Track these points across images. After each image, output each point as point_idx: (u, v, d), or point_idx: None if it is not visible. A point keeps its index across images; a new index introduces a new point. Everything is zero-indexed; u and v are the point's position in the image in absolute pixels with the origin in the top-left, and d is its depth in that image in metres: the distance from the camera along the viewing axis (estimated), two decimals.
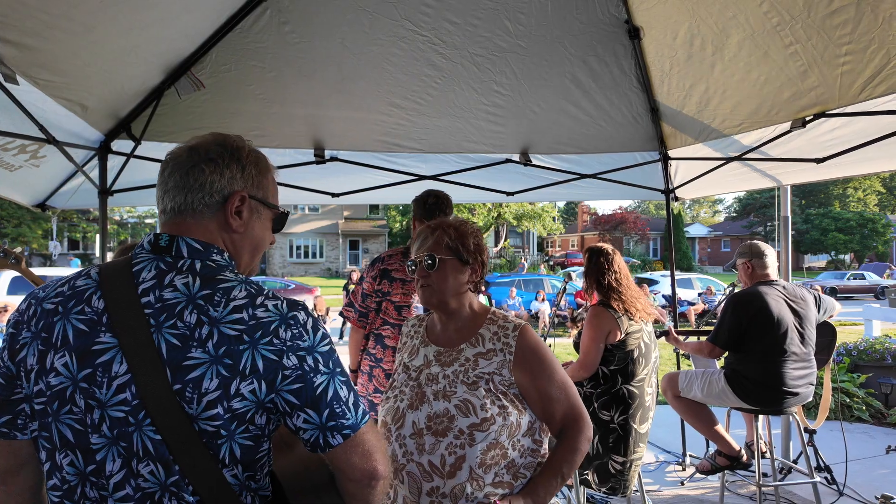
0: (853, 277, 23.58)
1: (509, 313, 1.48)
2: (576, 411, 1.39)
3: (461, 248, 1.43)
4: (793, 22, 2.32)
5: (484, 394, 1.32)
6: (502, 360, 1.37)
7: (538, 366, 1.37)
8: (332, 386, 0.88)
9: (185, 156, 0.95)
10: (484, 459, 1.28)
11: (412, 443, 1.33)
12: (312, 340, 0.89)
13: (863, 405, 4.90)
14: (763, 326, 2.85)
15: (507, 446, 1.32)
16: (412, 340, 1.55)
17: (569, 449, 1.36)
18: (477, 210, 27.12)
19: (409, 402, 1.38)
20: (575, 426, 1.38)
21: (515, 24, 2.68)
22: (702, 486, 3.61)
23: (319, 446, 0.88)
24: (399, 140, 3.31)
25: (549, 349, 1.42)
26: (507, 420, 1.31)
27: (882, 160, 3.00)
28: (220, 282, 0.88)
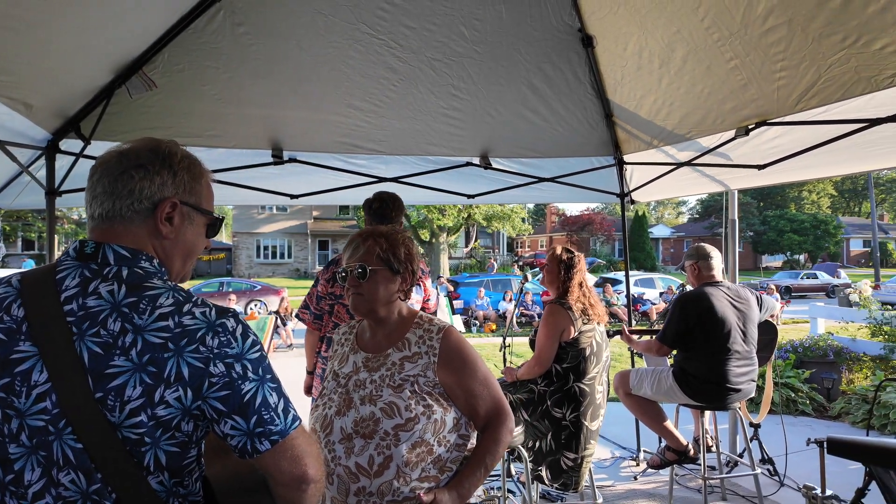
0: (806, 277, 24.61)
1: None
2: (498, 405, 1.46)
3: (392, 257, 1.45)
4: (732, 38, 2.44)
5: (409, 395, 1.37)
6: (427, 363, 1.42)
7: (461, 365, 1.43)
8: (261, 393, 0.89)
9: (115, 161, 0.94)
10: (410, 457, 1.33)
11: (341, 448, 1.36)
12: (241, 347, 0.89)
13: (807, 399, 5.14)
14: (708, 326, 2.98)
15: (433, 443, 1.37)
16: (342, 348, 1.57)
17: (492, 440, 1.43)
18: (447, 211, 27.22)
19: (336, 408, 1.41)
20: (497, 419, 1.45)
21: (471, 31, 2.74)
22: (653, 481, 3.74)
23: (247, 452, 0.88)
24: (358, 141, 3.32)
25: (472, 349, 1.48)
26: (432, 418, 1.37)
27: (818, 167, 3.18)
28: (146, 289, 0.88)
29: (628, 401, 3.35)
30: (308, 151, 3.41)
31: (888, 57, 2.10)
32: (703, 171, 3.69)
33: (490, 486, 3.57)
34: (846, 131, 2.59)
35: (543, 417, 2.79)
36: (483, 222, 29.30)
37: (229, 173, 3.38)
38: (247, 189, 3.60)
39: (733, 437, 3.97)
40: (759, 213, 37.48)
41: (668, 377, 3.12)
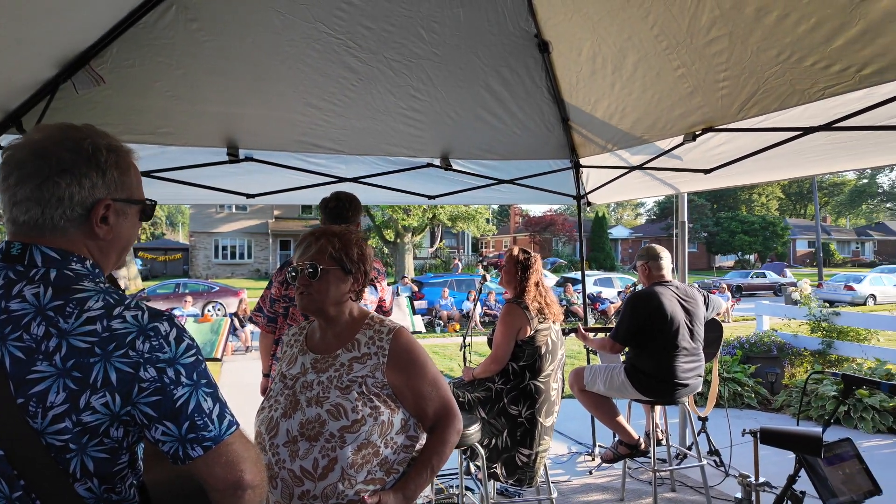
0: (756, 276, 25.74)
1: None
2: (447, 406, 1.46)
3: (345, 257, 1.44)
4: (679, 47, 2.54)
5: (356, 396, 1.35)
6: (376, 363, 1.41)
7: (411, 366, 1.42)
8: (195, 398, 0.87)
9: (33, 164, 0.88)
10: (355, 460, 1.32)
11: (285, 451, 1.34)
12: (174, 352, 0.87)
13: (752, 393, 5.40)
14: (658, 323, 3.10)
15: (380, 444, 1.36)
16: (291, 349, 1.55)
17: (439, 441, 1.43)
18: (412, 211, 27.19)
19: (282, 410, 1.39)
20: (445, 420, 1.45)
21: (430, 33, 2.76)
22: (608, 475, 3.85)
23: (179, 458, 0.87)
24: (317, 140, 3.30)
25: (422, 350, 1.47)
26: (379, 419, 1.36)
27: (759, 172, 3.35)
28: (74, 292, 0.85)
29: (583, 397, 3.45)
30: (265, 150, 3.36)
31: (818, 72, 2.24)
32: (654, 175, 3.83)
33: (449, 484, 3.61)
34: (783, 139, 2.75)
35: (500, 415, 2.84)
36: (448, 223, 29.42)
37: (184, 172, 3.30)
38: (202, 188, 3.52)
39: (683, 431, 4.14)
40: (712, 214, 38.95)
41: (620, 373, 3.23)
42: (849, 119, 2.43)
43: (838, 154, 2.88)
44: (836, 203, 44.78)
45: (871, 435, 4.59)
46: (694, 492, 3.55)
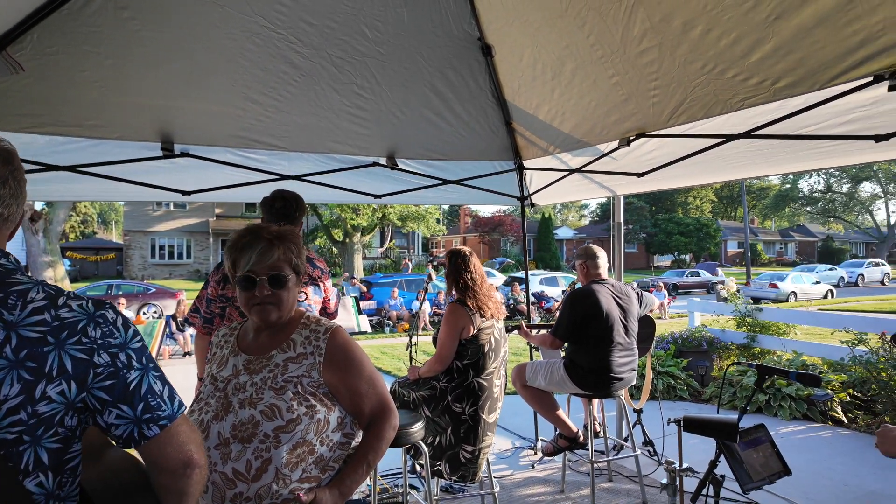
0: (690, 275, 27.15)
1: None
2: (383, 403, 1.47)
3: (299, 263, 1.44)
4: (613, 56, 2.66)
5: (291, 396, 1.33)
6: (312, 363, 1.39)
7: (347, 364, 1.42)
8: (147, 380, 0.92)
9: None
10: (290, 459, 1.30)
11: (217, 453, 1.31)
12: (124, 337, 0.92)
13: (684, 385, 5.71)
14: (594, 320, 3.23)
15: (315, 443, 1.34)
16: (221, 350, 1.51)
17: (375, 437, 1.44)
18: (362, 210, 26.91)
19: (214, 413, 1.36)
20: (382, 416, 1.46)
21: (373, 31, 2.76)
22: (549, 468, 3.97)
23: (134, 440, 0.90)
24: (258, 136, 3.22)
25: (359, 348, 1.47)
26: (315, 418, 1.34)
27: (687, 176, 3.55)
28: (12, 285, 0.86)
29: (524, 392, 3.54)
30: (203, 145, 3.24)
31: (738, 84, 2.41)
32: (592, 178, 3.98)
33: (394, 483, 3.61)
34: (708, 145, 2.93)
35: (444, 413, 2.88)
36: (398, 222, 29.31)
37: (116, 167, 3.15)
38: (135, 185, 3.36)
39: (619, 423, 4.32)
40: (651, 216, 40.73)
41: (560, 369, 3.34)
42: (766, 128, 2.61)
43: (757, 160, 3.10)
44: (762, 206, 47.83)
45: (788, 422, 4.96)
46: (629, 481, 3.72)
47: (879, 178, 41.31)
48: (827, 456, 4.16)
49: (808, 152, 2.81)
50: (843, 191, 43.38)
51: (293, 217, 2.48)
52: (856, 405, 4.97)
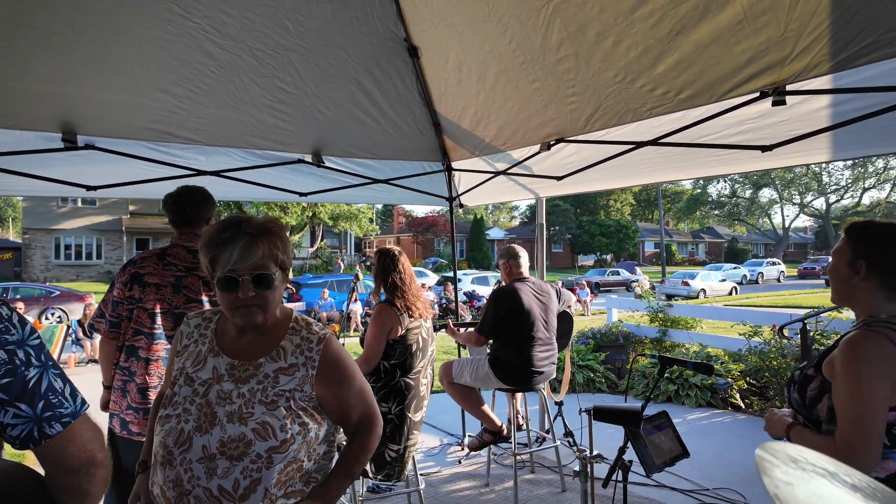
0: (611, 274, 28.61)
1: (316, 319, 1.44)
2: (370, 413, 1.42)
3: (286, 258, 1.32)
4: (533, 63, 2.77)
5: (284, 413, 1.24)
6: (305, 375, 1.30)
7: (340, 377, 1.35)
8: (46, 378, 0.90)
9: None
10: (280, 479, 1.23)
11: (200, 468, 1.21)
12: (21, 334, 0.89)
13: (602, 378, 6.02)
14: (517, 316, 3.34)
15: (304, 459, 1.29)
16: (197, 346, 1.37)
17: (360, 447, 1.39)
18: (290, 209, 26.11)
19: (196, 423, 1.24)
20: (368, 426, 1.41)
21: (296, 25, 2.70)
22: (475, 463, 4.06)
23: (33, 440, 0.87)
24: (172, 129, 3.05)
25: (350, 358, 1.41)
26: (308, 437, 1.28)
27: (603, 180, 3.75)
28: None
29: (451, 389, 3.60)
30: (110, 137, 3.03)
31: (646, 94, 2.58)
32: (517, 180, 4.12)
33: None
34: (620, 151, 3.11)
35: None
36: (329, 222, 28.71)
37: (11, 158, 2.88)
38: (33, 178, 3.09)
39: (542, 416, 4.48)
40: (575, 218, 42.54)
41: (485, 365, 3.42)
42: (670, 136, 2.82)
43: (664, 166, 3.33)
44: (676, 210, 51.27)
45: (694, 409, 5.36)
46: (550, 471, 3.87)
47: (776, 185, 45.56)
48: (725, 439, 4.54)
49: (707, 159, 3.06)
50: (746, 196, 47.43)
51: (196, 214, 2.35)
52: (752, 392, 5.45)
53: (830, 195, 44.75)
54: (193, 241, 2.32)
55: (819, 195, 45.72)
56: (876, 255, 1.43)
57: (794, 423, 1.52)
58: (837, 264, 1.51)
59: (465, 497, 3.50)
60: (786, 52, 2.08)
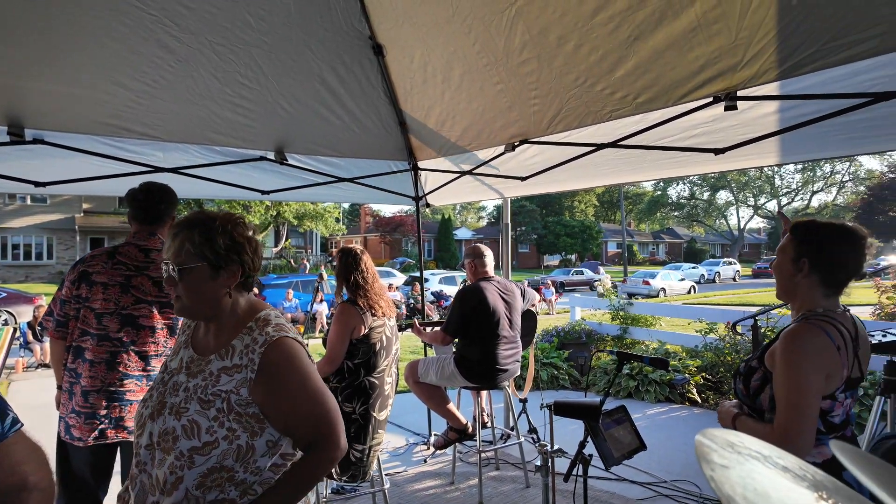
0: (575, 273, 29.14)
1: (282, 319, 1.41)
2: (323, 430, 1.28)
3: (208, 251, 1.29)
4: (497, 64, 2.80)
5: (214, 415, 1.22)
6: (243, 378, 1.25)
7: (279, 384, 1.26)
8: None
9: None
10: (203, 482, 1.20)
11: (147, 454, 1.24)
12: None
13: (566, 375, 6.13)
14: (482, 315, 3.37)
15: (238, 469, 1.23)
16: (180, 338, 1.42)
17: (305, 471, 1.28)
18: (253, 207, 25.55)
19: (151, 410, 1.28)
20: (317, 447, 1.29)
21: (258, 20, 2.65)
22: (441, 461, 4.07)
23: None
24: (128, 124, 2.95)
25: (301, 363, 1.30)
26: (234, 444, 1.22)
27: (565, 181, 3.82)
28: None
29: (417, 389, 3.60)
30: (61, 132, 2.91)
31: (606, 97, 2.65)
32: (482, 180, 4.15)
33: None
34: (582, 153, 3.18)
35: None
36: (294, 221, 28.21)
37: None
38: None
39: (507, 413, 4.54)
40: (541, 219, 43.14)
41: (450, 364, 3.44)
42: (629, 139, 2.90)
43: (624, 168, 3.42)
44: (638, 211, 52.61)
45: (653, 404, 5.52)
46: (514, 468, 3.93)
47: (732, 187, 47.34)
48: (682, 432, 4.70)
49: (664, 162, 3.16)
50: (704, 198, 49.10)
51: (159, 211, 2.30)
52: (708, 386, 5.65)
53: (782, 198, 46.80)
54: (148, 239, 2.26)
55: (772, 197, 47.76)
56: (818, 254, 1.51)
57: (740, 413, 1.59)
58: (782, 262, 1.59)
59: (430, 496, 3.51)
60: (736, 60, 2.17)
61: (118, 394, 2.11)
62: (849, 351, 1.45)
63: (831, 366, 1.41)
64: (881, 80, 2.08)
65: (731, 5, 1.98)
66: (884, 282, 6.24)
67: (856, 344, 1.49)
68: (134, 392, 2.14)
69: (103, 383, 2.08)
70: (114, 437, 2.10)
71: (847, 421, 1.51)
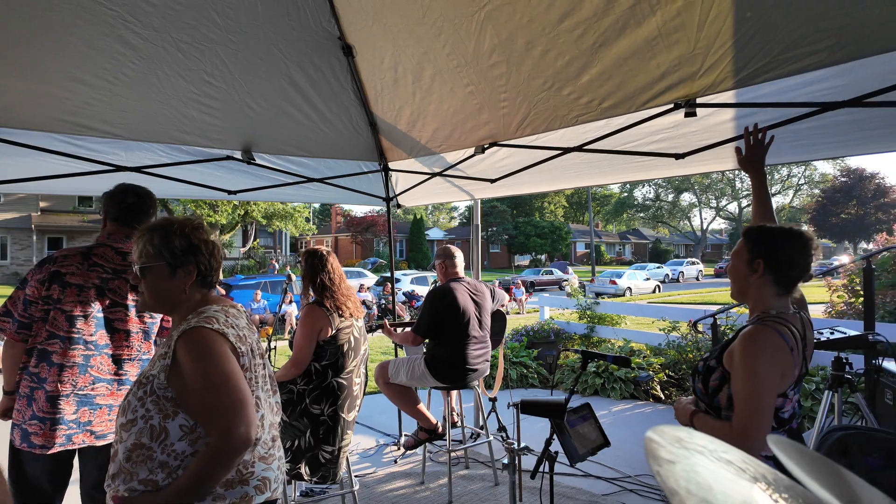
0: (545, 273, 29.52)
1: (220, 314, 1.43)
2: (221, 420, 1.30)
3: (165, 251, 1.43)
4: (467, 66, 2.83)
5: (141, 395, 1.36)
6: (164, 365, 1.36)
7: (189, 372, 1.33)
8: None
9: None
10: (131, 456, 1.33)
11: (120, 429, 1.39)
12: None
13: (535, 374, 6.22)
14: (452, 316, 3.40)
15: (156, 449, 1.33)
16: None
17: (200, 460, 1.31)
18: (220, 207, 24.97)
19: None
20: (217, 437, 1.31)
21: (224, 18, 2.61)
22: (412, 461, 4.08)
23: None
24: (88, 122, 2.87)
25: (209, 356, 1.34)
26: (149, 423, 1.34)
27: (533, 183, 3.89)
28: None
29: (387, 389, 3.60)
30: (17, 128, 2.80)
31: (572, 102, 2.71)
32: (453, 182, 4.18)
33: None
34: (549, 156, 3.24)
35: (302, 416, 2.82)
36: (263, 221, 27.68)
37: None
38: None
39: (476, 412, 4.58)
40: (512, 219, 43.56)
41: (421, 364, 3.46)
42: (595, 143, 2.97)
43: (590, 171, 3.50)
44: (605, 212, 53.67)
45: (619, 401, 5.65)
46: (484, 466, 3.97)
47: (695, 190, 48.75)
48: (646, 428, 4.73)
49: (628, 165, 3.25)
50: (668, 200, 50.41)
51: (147, 217, 2.30)
52: (671, 383, 5.82)
53: (743, 200, 48.45)
54: (124, 242, 2.23)
55: (733, 200, 49.39)
56: (772, 254, 1.59)
57: (697, 411, 1.66)
58: (737, 264, 1.66)
59: (400, 496, 3.52)
60: (695, 68, 2.25)
61: (88, 398, 2.06)
62: (800, 350, 1.53)
63: (786, 365, 1.49)
64: (830, 91, 2.19)
65: (690, 16, 2.06)
66: (835, 281, 6.55)
67: (804, 343, 1.57)
68: (104, 396, 2.10)
69: (74, 387, 2.03)
70: (80, 442, 2.05)
71: (794, 415, 1.60)
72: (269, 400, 1.57)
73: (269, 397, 1.58)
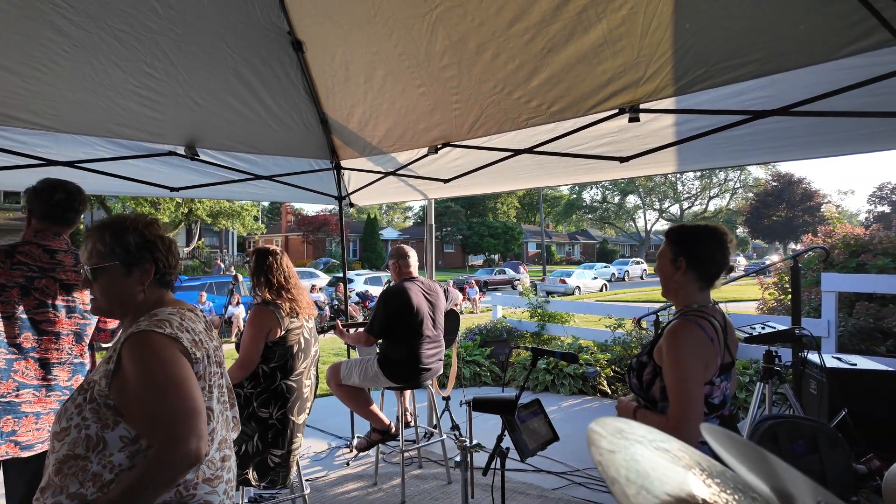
0: (498, 273, 29.92)
1: (175, 316, 1.34)
2: (168, 433, 1.20)
3: (119, 249, 1.34)
4: (419, 67, 2.83)
5: (80, 402, 1.26)
6: (106, 370, 1.26)
7: (130, 378, 1.24)
8: None
9: None
10: (61, 468, 1.21)
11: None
12: None
13: (488, 372, 6.29)
14: (406, 315, 3.39)
15: (93, 460, 1.21)
16: None
17: (138, 470, 1.20)
18: (162, 205, 23.87)
19: None
20: (158, 445, 1.21)
21: (166, 8, 2.50)
22: (364, 463, 4.04)
23: None
24: (14, 112, 2.68)
25: (154, 356, 1.25)
26: (83, 433, 1.22)
27: (486, 184, 3.94)
28: None
29: (339, 391, 3.56)
30: None
31: (522, 105, 2.76)
32: (406, 181, 4.17)
33: None
34: (501, 157, 3.29)
35: (250, 420, 2.74)
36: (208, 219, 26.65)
37: None
38: None
39: (430, 412, 4.59)
40: (466, 220, 43.90)
41: (374, 365, 3.43)
42: (544, 145, 3.04)
43: (539, 173, 3.58)
44: (555, 213, 54.94)
45: (568, 396, 5.81)
46: (437, 465, 3.98)
47: (640, 192, 50.72)
48: None
49: (576, 168, 3.35)
50: (615, 202, 52.20)
51: (77, 214, 2.18)
52: (617, 378, 6.03)
53: (684, 202, 50.79)
54: (52, 240, 2.12)
55: (675, 202, 51.68)
56: (692, 251, 1.69)
57: (639, 407, 1.73)
58: (662, 263, 1.77)
59: (352, 498, 3.48)
60: (639, 75, 2.34)
61: (12, 405, 1.93)
62: (720, 340, 1.64)
63: (708, 356, 1.59)
64: (760, 100, 2.33)
65: (634, 25, 2.14)
66: (766, 279, 6.97)
67: (725, 333, 1.68)
68: (30, 403, 1.97)
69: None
70: (4, 454, 1.92)
71: (724, 401, 1.70)
72: (224, 413, 1.45)
73: (226, 410, 1.47)
